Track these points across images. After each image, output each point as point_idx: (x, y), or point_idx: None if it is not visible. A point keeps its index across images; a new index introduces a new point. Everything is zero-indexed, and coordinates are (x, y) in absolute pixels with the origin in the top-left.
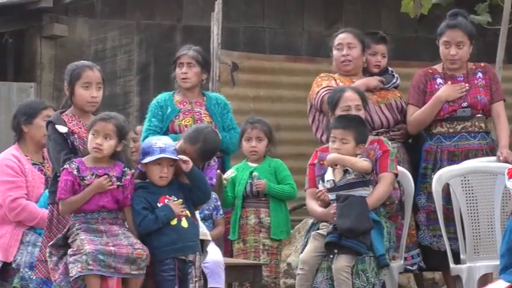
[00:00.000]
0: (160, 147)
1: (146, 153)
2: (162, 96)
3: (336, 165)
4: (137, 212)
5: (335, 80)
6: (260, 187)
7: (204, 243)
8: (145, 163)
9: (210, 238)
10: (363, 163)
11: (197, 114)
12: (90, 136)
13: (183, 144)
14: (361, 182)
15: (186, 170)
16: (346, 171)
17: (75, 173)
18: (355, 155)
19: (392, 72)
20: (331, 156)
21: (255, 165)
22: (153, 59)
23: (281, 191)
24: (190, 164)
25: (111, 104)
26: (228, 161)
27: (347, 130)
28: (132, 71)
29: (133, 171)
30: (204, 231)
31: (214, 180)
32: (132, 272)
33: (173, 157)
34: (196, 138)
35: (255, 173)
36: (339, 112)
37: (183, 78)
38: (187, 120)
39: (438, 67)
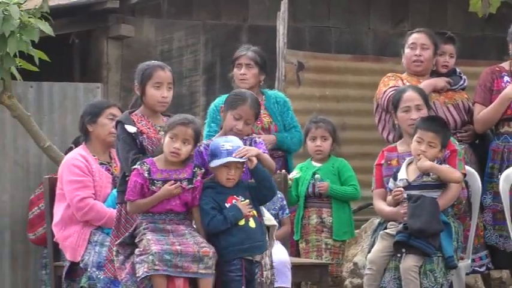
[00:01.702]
0: (227, 150)
1: (214, 155)
2: (219, 100)
3: (410, 163)
4: (206, 212)
5: (402, 80)
6: (322, 189)
7: (270, 230)
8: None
9: (275, 223)
10: (456, 175)
11: None
12: (167, 139)
13: (234, 112)
14: (437, 185)
15: (250, 167)
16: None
17: (145, 175)
18: (436, 159)
19: (460, 73)
20: (426, 164)
21: (319, 164)
22: (219, 58)
23: (344, 193)
24: (255, 161)
25: (177, 104)
26: (290, 160)
27: (437, 134)
28: (198, 71)
29: (203, 170)
30: (269, 216)
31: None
32: (200, 271)
33: (240, 160)
34: (242, 97)
35: (317, 175)
36: (399, 113)
37: (242, 79)
38: None
39: (505, 65)
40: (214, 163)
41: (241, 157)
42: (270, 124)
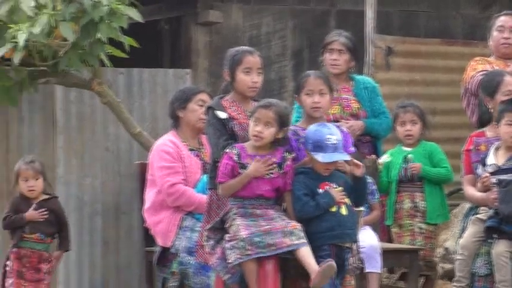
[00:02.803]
0: (333, 144)
1: (318, 147)
2: None
3: (498, 148)
4: (298, 198)
5: (490, 63)
6: (415, 170)
7: (357, 215)
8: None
9: (362, 208)
10: None
11: (344, 100)
12: (251, 123)
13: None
14: None
15: (358, 174)
16: None
17: (235, 158)
18: None
19: None
20: None
21: (409, 149)
22: (307, 44)
23: (437, 174)
24: (362, 169)
25: (266, 90)
26: (379, 146)
27: None
28: (286, 57)
29: (293, 155)
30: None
31: None
32: (294, 242)
33: (346, 159)
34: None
35: (409, 156)
36: (500, 97)
37: (333, 65)
38: (335, 109)
39: None
40: (323, 158)
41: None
42: (359, 110)
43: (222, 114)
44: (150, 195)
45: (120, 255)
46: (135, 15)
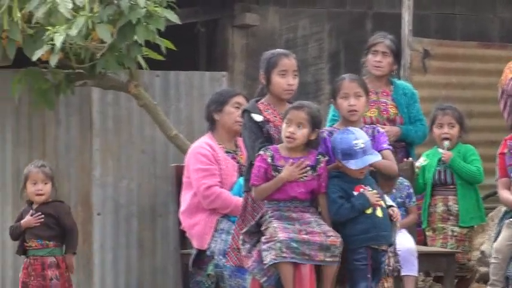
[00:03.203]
0: (362, 149)
1: (348, 154)
2: None
3: None
4: (333, 201)
5: None
6: (445, 157)
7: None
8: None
9: (395, 205)
10: None
11: (383, 105)
12: (283, 125)
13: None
14: None
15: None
16: None
17: (268, 161)
18: None
19: None
20: None
21: (444, 149)
22: (344, 46)
23: (465, 169)
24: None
25: (302, 92)
26: (412, 151)
27: None
28: (323, 59)
29: (327, 158)
30: (390, 201)
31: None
32: (327, 259)
33: (378, 159)
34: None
35: (446, 142)
36: None
37: (376, 66)
38: (373, 112)
39: None
40: (355, 165)
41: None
42: (396, 116)
43: (258, 117)
44: (186, 198)
45: (155, 257)
46: (173, 17)
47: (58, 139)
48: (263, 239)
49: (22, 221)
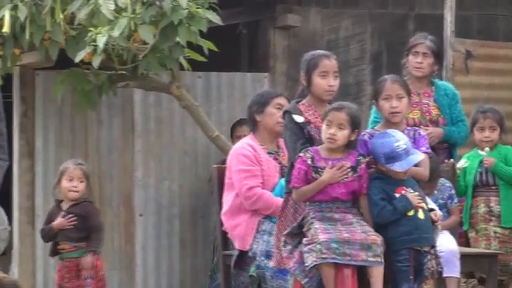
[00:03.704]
0: (404, 150)
1: (392, 158)
2: None
3: None
4: (375, 203)
5: None
6: (488, 164)
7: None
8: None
9: (440, 212)
10: None
11: (425, 106)
12: (324, 126)
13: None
14: None
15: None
16: None
17: (309, 162)
18: None
19: None
20: None
21: (485, 154)
22: (386, 48)
23: (509, 173)
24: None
25: (344, 94)
26: (455, 153)
27: None
28: (364, 60)
29: (367, 159)
30: (433, 206)
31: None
32: (369, 259)
33: (422, 158)
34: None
35: (486, 148)
36: None
37: (417, 67)
38: (415, 113)
39: None
40: (401, 167)
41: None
42: (439, 117)
43: (299, 118)
44: (228, 199)
45: (197, 258)
46: (215, 18)
47: (100, 140)
48: (304, 240)
49: (54, 223)
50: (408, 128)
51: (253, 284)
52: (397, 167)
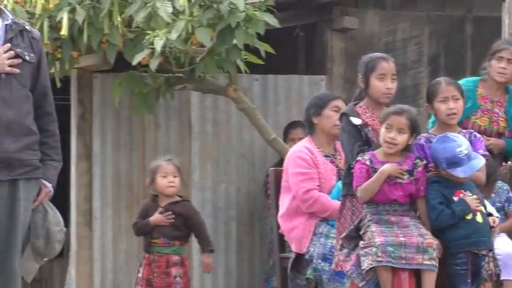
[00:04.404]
0: (466, 155)
1: (453, 163)
2: (466, 83)
3: None
4: (433, 207)
5: None
6: None
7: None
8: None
9: (498, 215)
10: None
11: (495, 115)
12: (382, 130)
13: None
14: None
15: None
16: None
17: (367, 163)
18: None
19: None
20: None
21: None
22: (444, 50)
23: None
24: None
25: (401, 96)
26: (511, 158)
27: None
28: (422, 63)
29: (424, 162)
30: (490, 209)
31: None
32: (425, 262)
33: (482, 164)
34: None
35: None
36: None
37: (501, 73)
38: (484, 121)
39: None
40: (464, 172)
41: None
42: (505, 129)
43: (357, 121)
44: (284, 201)
45: (254, 261)
46: (272, 20)
47: (157, 142)
48: (361, 243)
49: (151, 219)
50: (463, 130)
51: (310, 286)
52: (460, 172)
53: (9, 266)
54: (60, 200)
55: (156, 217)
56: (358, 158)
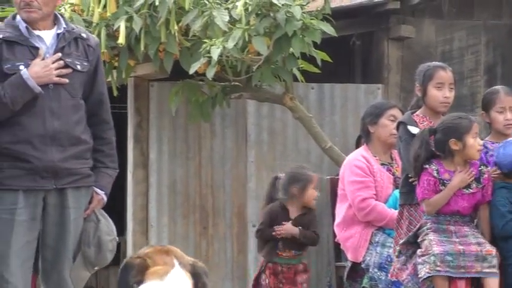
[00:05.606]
0: None
1: None
2: None
3: None
4: (502, 214)
5: None
6: None
7: None
8: None
9: None
10: None
11: None
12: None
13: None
14: None
15: None
16: None
17: (435, 174)
18: None
19: None
20: None
21: None
22: (501, 59)
23: None
24: None
25: (458, 105)
26: None
27: None
28: (479, 72)
29: (489, 168)
30: None
31: None
32: (484, 270)
33: None
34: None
35: None
36: None
37: None
38: None
39: None
40: None
41: None
42: None
43: (414, 129)
44: (341, 210)
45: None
46: (329, 29)
47: (214, 151)
48: (418, 251)
49: (282, 230)
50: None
51: None
52: None
53: (59, 274)
54: (116, 207)
55: (288, 228)
56: (426, 166)
